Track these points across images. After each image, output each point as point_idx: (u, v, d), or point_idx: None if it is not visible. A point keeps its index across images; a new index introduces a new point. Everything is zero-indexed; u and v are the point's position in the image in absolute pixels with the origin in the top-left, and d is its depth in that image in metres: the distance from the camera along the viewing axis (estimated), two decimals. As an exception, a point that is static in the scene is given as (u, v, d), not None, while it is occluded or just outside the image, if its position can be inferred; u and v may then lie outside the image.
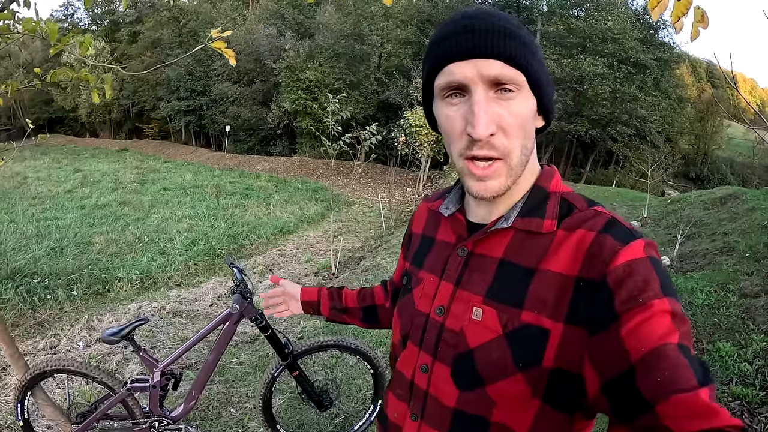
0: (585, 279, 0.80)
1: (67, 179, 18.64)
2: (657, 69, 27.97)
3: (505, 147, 0.85)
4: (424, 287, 1.04)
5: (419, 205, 1.25)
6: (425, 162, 20.85)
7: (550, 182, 0.95)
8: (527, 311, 0.84)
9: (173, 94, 39.29)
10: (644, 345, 0.70)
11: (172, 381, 2.66)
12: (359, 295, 1.52)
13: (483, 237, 0.95)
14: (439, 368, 0.95)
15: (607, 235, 0.81)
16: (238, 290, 2.68)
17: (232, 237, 10.40)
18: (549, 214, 0.90)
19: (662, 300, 0.73)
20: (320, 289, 1.57)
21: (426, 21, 29.87)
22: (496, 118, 0.83)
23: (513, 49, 0.82)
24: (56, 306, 6.42)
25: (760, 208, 9.47)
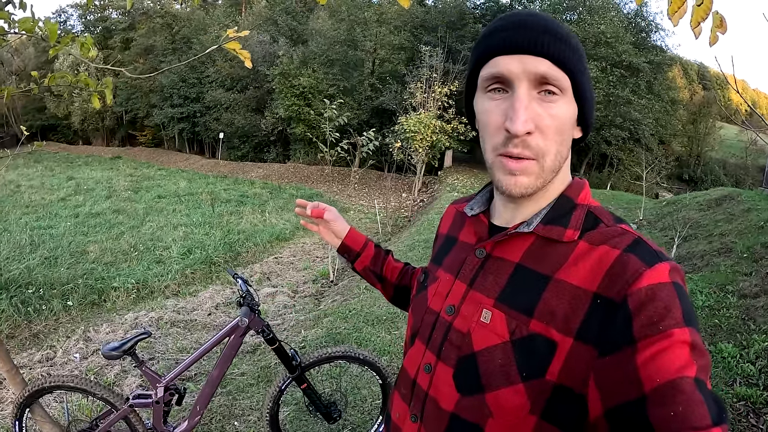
0: (603, 296, 0.76)
1: (60, 187, 18.55)
2: (650, 72, 28.13)
3: (540, 148, 0.83)
4: (439, 285, 1.03)
5: (447, 208, 1.25)
6: (420, 167, 20.85)
7: (579, 194, 0.92)
8: (536, 320, 0.81)
9: (166, 101, 39.31)
10: (660, 376, 0.66)
11: (176, 396, 2.58)
12: (401, 272, 1.47)
13: (502, 240, 0.93)
14: (442, 369, 0.93)
15: (632, 255, 0.77)
16: (244, 302, 2.60)
17: (228, 245, 10.34)
18: (572, 225, 0.87)
19: (683, 330, 0.69)
20: (368, 242, 1.50)
21: (419, 26, 29.95)
22: (536, 117, 0.82)
23: (562, 51, 0.82)
24: (52, 317, 6.33)
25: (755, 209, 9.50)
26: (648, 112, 27.66)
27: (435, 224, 11.36)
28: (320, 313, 5.95)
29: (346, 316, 5.48)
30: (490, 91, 0.87)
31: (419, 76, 21.73)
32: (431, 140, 19.72)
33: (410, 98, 21.04)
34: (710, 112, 38.95)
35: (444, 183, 21.23)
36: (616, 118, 26.21)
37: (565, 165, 0.91)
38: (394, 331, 5.02)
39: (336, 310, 5.80)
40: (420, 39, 27.76)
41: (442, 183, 21.60)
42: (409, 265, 1.51)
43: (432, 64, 21.99)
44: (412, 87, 21.15)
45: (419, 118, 19.37)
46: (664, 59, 29.78)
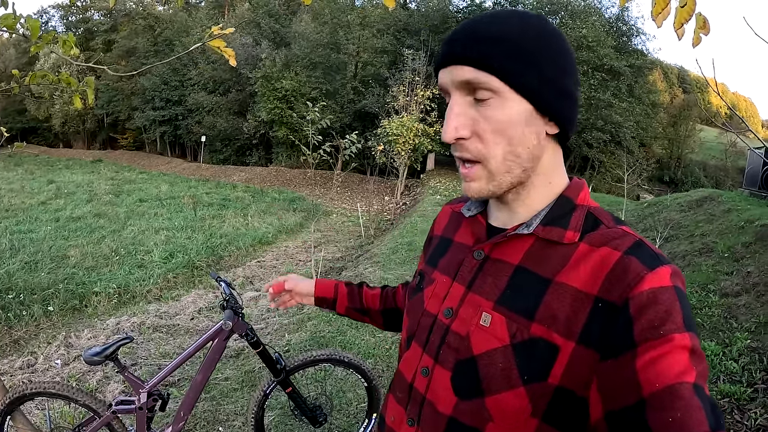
0: (605, 300, 0.76)
1: (40, 191, 18.29)
2: (631, 75, 28.38)
3: (479, 152, 0.84)
4: (436, 288, 1.01)
5: (442, 208, 1.23)
6: (403, 171, 20.88)
7: (578, 194, 0.91)
8: (537, 324, 0.80)
9: (148, 104, 39.02)
10: (659, 380, 0.67)
11: (159, 402, 2.56)
12: (381, 297, 1.47)
13: (501, 241, 0.91)
14: (440, 372, 0.92)
15: (634, 258, 0.77)
16: (228, 305, 2.59)
17: (211, 249, 10.26)
18: (572, 226, 0.86)
19: (683, 335, 0.70)
20: (337, 285, 1.51)
21: (402, 30, 29.98)
22: (469, 122, 0.84)
23: (483, 53, 0.81)
24: (32, 323, 6.24)
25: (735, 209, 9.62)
26: (629, 115, 27.89)
27: (418, 227, 11.41)
28: (303, 317, 5.93)
29: (329, 319, 5.47)
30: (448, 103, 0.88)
31: (402, 80, 21.77)
32: (414, 143, 19.77)
33: (393, 101, 21.07)
34: (690, 115, 39.36)
35: (426, 186, 21.27)
36: (598, 121, 26.40)
37: (549, 164, 0.90)
38: (378, 334, 5.02)
39: (320, 314, 5.77)
40: (403, 42, 27.82)
41: (424, 186, 21.64)
42: (387, 286, 1.51)
43: (415, 67, 22.05)
44: (395, 90, 21.19)
45: (402, 121, 19.41)
46: (645, 63, 30.08)
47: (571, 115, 0.88)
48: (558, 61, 0.85)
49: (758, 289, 5.69)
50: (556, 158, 0.92)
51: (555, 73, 0.84)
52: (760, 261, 6.52)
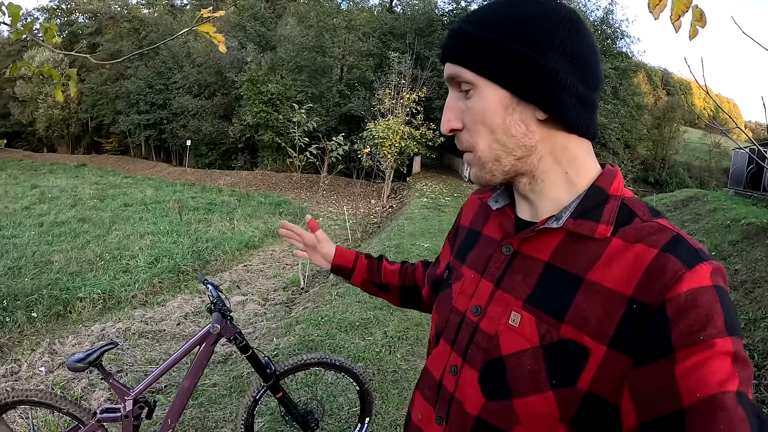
0: (639, 301, 0.72)
1: (24, 195, 18.15)
2: (615, 78, 28.59)
3: (467, 141, 0.87)
4: (464, 284, 0.99)
5: (470, 197, 1.20)
6: (389, 174, 20.86)
7: (611, 184, 0.86)
8: (567, 325, 0.77)
9: (133, 108, 38.84)
10: (700, 390, 0.63)
11: (145, 409, 2.50)
12: (401, 273, 1.43)
13: (530, 236, 0.88)
14: (468, 372, 0.90)
15: (671, 255, 0.73)
16: (216, 308, 2.53)
17: (197, 253, 10.19)
18: (605, 219, 0.81)
19: (725, 340, 0.66)
20: (358, 255, 1.48)
21: (388, 33, 30.01)
22: (459, 114, 0.87)
23: (453, 49, 0.86)
24: (15, 329, 6.15)
25: (721, 209, 9.73)
26: (614, 117, 28.09)
27: (405, 230, 11.39)
28: (292, 321, 5.88)
29: (318, 323, 5.43)
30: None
31: (388, 83, 21.76)
32: (400, 146, 19.76)
33: (378, 104, 21.04)
34: (674, 116, 39.82)
35: (413, 189, 21.28)
36: (583, 123, 26.59)
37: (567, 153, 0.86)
38: (368, 337, 4.99)
39: (308, 317, 5.73)
40: (388, 45, 27.82)
41: (410, 189, 21.65)
42: (406, 262, 1.47)
43: (400, 70, 22.04)
44: (381, 93, 21.16)
45: (388, 124, 19.38)
46: (630, 65, 30.36)
47: (554, 96, 0.81)
48: (533, 44, 0.80)
49: (746, 286, 5.74)
50: (570, 147, 0.87)
51: (528, 56, 0.80)
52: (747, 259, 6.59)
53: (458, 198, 20.01)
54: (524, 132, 0.83)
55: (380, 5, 35.95)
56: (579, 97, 0.83)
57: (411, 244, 9.43)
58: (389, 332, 5.03)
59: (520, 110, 0.83)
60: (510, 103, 0.82)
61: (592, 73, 0.85)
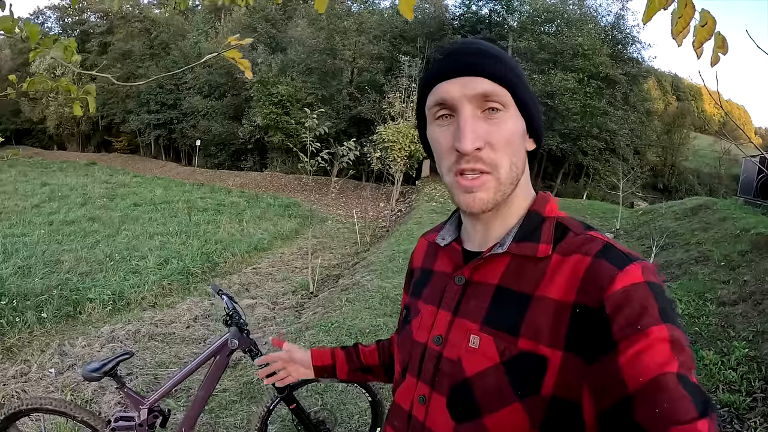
0: (582, 305, 0.78)
1: (34, 193, 18.16)
2: (626, 83, 28.49)
3: (492, 160, 0.87)
4: (422, 318, 1.03)
5: (418, 241, 1.24)
6: (398, 177, 20.85)
7: (545, 207, 0.94)
8: (524, 338, 0.82)
9: (143, 107, 38.90)
10: (642, 375, 0.68)
11: (160, 419, 2.50)
12: (379, 350, 1.45)
13: (479, 263, 0.93)
14: (436, 399, 0.93)
15: (603, 260, 0.80)
16: (232, 322, 2.53)
17: (206, 255, 10.18)
18: (544, 239, 0.89)
19: (661, 327, 0.71)
20: (334, 351, 1.48)
21: (399, 36, 30.00)
22: (483, 134, 0.86)
23: (499, 69, 0.87)
24: (25, 330, 6.16)
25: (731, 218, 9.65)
26: (624, 122, 27.96)
27: (414, 234, 11.37)
28: (302, 326, 5.88)
29: (328, 329, 5.42)
30: (438, 119, 0.91)
31: (398, 86, 21.76)
32: (409, 150, 19.75)
33: (389, 108, 21.04)
34: (684, 122, 39.48)
35: (421, 193, 21.23)
36: (593, 129, 26.44)
37: (524, 179, 0.94)
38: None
39: (318, 323, 5.73)
40: (399, 49, 27.80)
41: (419, 193, 21.60)
42: (381, 340, 1.49)
43: (411, 74, 22.05)
44: (391, 96, 21.17)
45: (398, 128, 19.39)
46: (640, 71, 30.23)
47: (542, 133, 0.96)
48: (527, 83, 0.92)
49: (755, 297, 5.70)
50: (527, 174, 0.96)
51: (532, 94, 0.92)
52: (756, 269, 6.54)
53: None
54: (524, 159, 0.93)
55: (391, 8, 35.98)
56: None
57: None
58: (399, 339, 5.01)
59: (525, 139, 0.92)
60: (524, 132, 0.91)
61: None
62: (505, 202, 0.91)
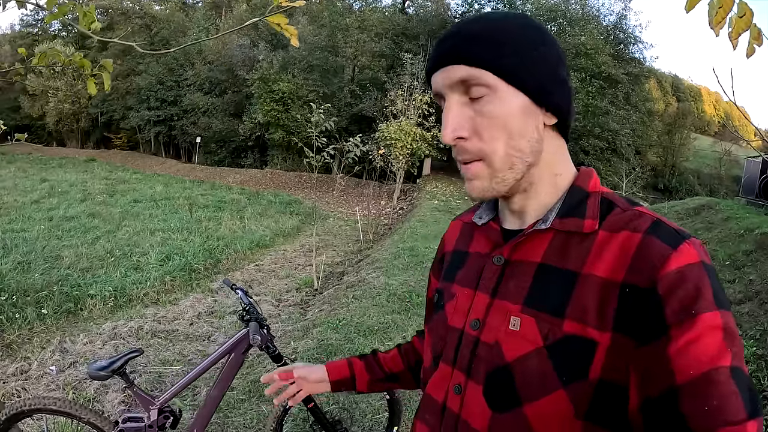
0: (632, 285, 0.74)
1: (33, 189, 18.01)
2: (628, 83, 28.43)
3: (479, 150, 0.84)
4: (458, 301, 0.97)
5: (450, 225, 1.19)
6: (400, 175, 20.79)
7: (589, 182, 0.89)
8: (569, 320, 0.78)
9: (143, 104, 38.80)
10: (693, 367, 0.65)
11: (170, 419, 2.38)
12: (401, 355, 1.35)
13: (520, 241, 0.88)
14: (472, 388, 0.87)
15: (655, 237, 0.75)
16: (251, 317, 2.41)
17: (208, 251, 10.09)
18: (590, 214, 0.84)
19: (714, 314, 0.68)
20: (351, 361, 1.37)
21: (401, 34, 29.92)
22: (467, 122, 0.84)
23: (473, 51, 0.82)
24: (25, 326, 6.02)
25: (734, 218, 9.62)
26: (625, 122, 27.89)
27: (418, 232, 11.29)
28: (308, 323, 5.78)
29: (336, 326, 5.31)
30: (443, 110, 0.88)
31: (400, 84, 21.70)
32: (411, 148, 19.71)
33: (391, 105, 20.99)
34: (685, 123, 39.61)
35: (423, 191, 21.20)
36: (595, 129, 26.37)
37: (551, 155, 0.89)
38: (387, 341, 4.88)
39: (325, 320, 5.62)
40: (401, 46, 27.73)
41: (421, 191, 21.57)
42: (400, 344, 1.40)
43: (413, 71, 21.98)
44: (393, 94, 21.11)
45: (400, 125, 19.34)
46: (642, 71, 30.20)
47: (566, 103, 0.88)
48: (546, 51, 0.85)
49: (761, 296, 5.69)
50: (560, 149, 0.91)
51: (545, 62, 0.84)
52: (761, 269, 6.53)
53: (469, 201, 19.86)
54: (537, 137, 0.85)
55: (393, 6, 35.90)
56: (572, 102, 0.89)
57: (425, 247, 9.34)
58: (408, 337, 4.91)
59: (533, 115, 0.85)
60: (527, 108, 0.84)
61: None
62: (529, 181, 0.88)
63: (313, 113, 7.67)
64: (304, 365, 1.41)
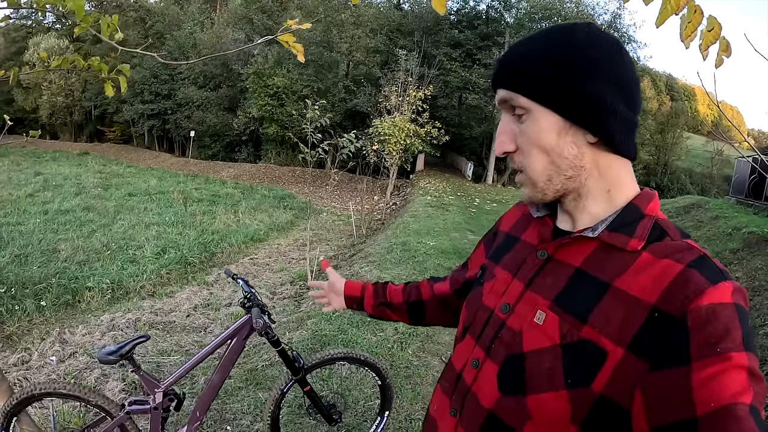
0: (661, 310, 0.74)
1: (27, 183, 18.06)
2: (621, 82, 28.59)
3: (520, 162, 0.91)
4: (495, 283, 1.03)
5: (511, 208, 1.24)
6: (393, 171, 20.86)
7: (647, 205, 0.89)
8: (589, 327, 0.81)
9: (137, 97, 38.73)
10: (715, 400, 0.65)
11: (174, 402, 2.51)
12: (405, 291, 1.48)
13: (565, 242, 0.92)
14: (488, 366, 0.93)
15: (696, 271, 0.75)
16: (252, 303, 2.54)
17: (203, 245, 10.20)
18: (638, 234, 0.85)
19: (741, 354, 0.68)
20: (364, 285, 1.54)
21: (396, 30, 30.03)
22: (513, 137, 0.91)
23: (509, 77, 0.90)
24: (25, 318, 6.13)
25: (723, 216, 9.76)
26: (618, 121, 28.10)
27: (411, 227, 11.40)
28: (302, 315, 5.89)
29: (329, 318, 5.43)
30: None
31: (394, 80, 21.77)
32: (405, 144, 19.79)
33: (385, 101, 21.06)
34: (677, 122, 39.74)
35: (416, 186, 21.30)
36: (588, 127, 26.60)
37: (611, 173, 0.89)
38: (380, 333, 4.99)
39: (319, 312, 5.73)
40: (396, 43, 27.84)
41: (414, 186, 21.67)
42: (410, 282, 1.52)
43: (407, 67, 22.05)
44: (387, 90, 21.18)
45: (393, 121, 19.41)
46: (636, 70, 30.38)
47: (602, 121, 0.86)
48: (578, 72, 0.85)
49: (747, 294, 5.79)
50: (614, 167, 0.90)
51: (578, 83, 0.85)
52: (747, 267, 6.63)
53: (462, 197, 20.00)
54: (576, 154, 0.88)
55: (388, 2, 35.92)
56: (624, 120, 0.87)
57: (417, 242, 9.45)
58: (400, 329, 5.04)
59: (573, 133, 0.87)
60: (563, 127, 0.87)
61: (633, 97, 0.90)
62: (577, 192, 0.90)
63: (308, 109, 7.75)
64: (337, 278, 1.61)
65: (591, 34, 0.87)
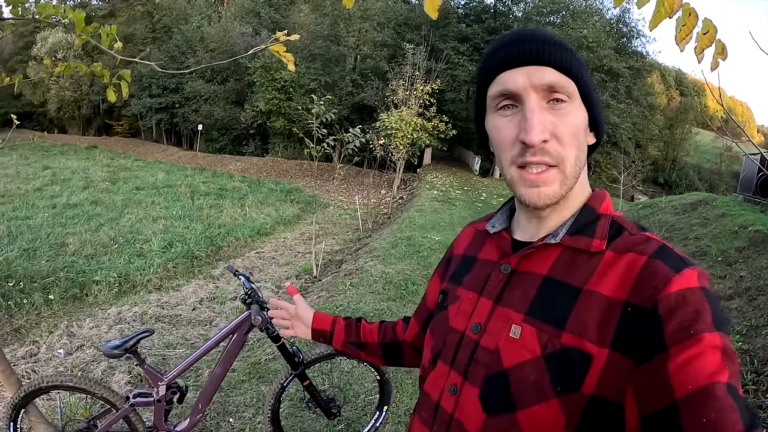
0: (633, 304, 0.76)
1: (36, 176, 18.15)
2: (629, 77, 28.43)
3: (559, 154, 0.84)
4: (461, 304, 1.00)
5: (463, 229, 1.22)
6: (400, 165, 20.86)
7: (601, 204, 0.92)
8: (569, 333, 0.80)
9: (145, 91, 38.74)
10: (692, 382, 0.66)
11: (177, 394, 2.57)
12: (380, 330, 1.43)
13: (529, 253, 0.91)
14: (468, 390, 0.90)
15: (659, 261, 0.78)
16: (252, 300, 2.60)
17: (209, 239, 10.25)
18: (599, 234, 0.86)
19: (713, 334, 0.69)
20: (335, 319, 1.48)
21: (403, 24, 29.91)
22: (550, 125, 0.84)
23: (565, 58, 0.85)
24: (33, 311, 6.20)
25: (730, 214, 9.71)
26: (626, 116, 27.94)
27: (416, 222, 11.42)
28: (306, 310, 5.93)
29: (333, 312, 5.45)
30: (500, 109, 0.89)
31: (402, 74, 21.74)
32: (412, 138, 19.78)
33: (392, 95, 21.04)
34: (686, 118, 39.48)
35: (423, 180, 21.29)
36: (594, 121, 26.48)
37: (582, 174, 0.91)
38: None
39: (322, 307, 5.79)
40: (403, 36, 27.74)
41: (421, 180, 21.66)
42: (385, 321, 1.47)
43: (415, 61, 22.02)
44: (394, 84, 21.15)
45: (401, 115, 19.39)
46: (644, 65, 30.20)
47: (602, 126, 0.94)
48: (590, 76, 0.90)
49: (750, 293, 5.75)
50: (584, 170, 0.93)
51: (593, 86, 0.90)
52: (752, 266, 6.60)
53: (469, 191, 19.99)
54: (585, 151, 0.90)
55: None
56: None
57: (422, 237, 9.47)
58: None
59: (587, 132, 0.91)
60: (586, 125, 0.89)
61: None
62: (567, 197, 0.89)
63: (314, 104, 7.78)
64: (305, 307, 1.54)
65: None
